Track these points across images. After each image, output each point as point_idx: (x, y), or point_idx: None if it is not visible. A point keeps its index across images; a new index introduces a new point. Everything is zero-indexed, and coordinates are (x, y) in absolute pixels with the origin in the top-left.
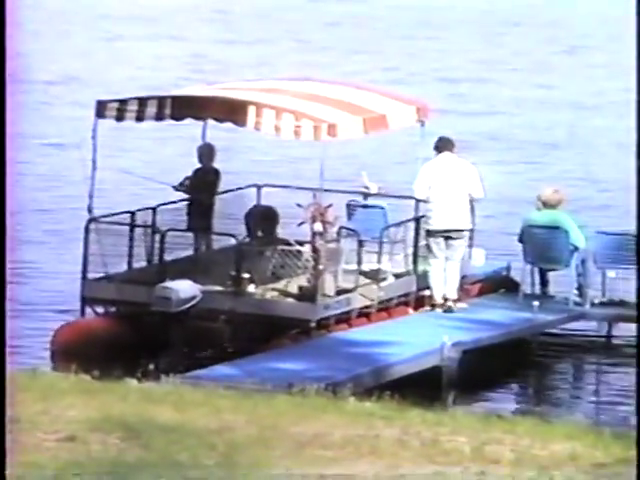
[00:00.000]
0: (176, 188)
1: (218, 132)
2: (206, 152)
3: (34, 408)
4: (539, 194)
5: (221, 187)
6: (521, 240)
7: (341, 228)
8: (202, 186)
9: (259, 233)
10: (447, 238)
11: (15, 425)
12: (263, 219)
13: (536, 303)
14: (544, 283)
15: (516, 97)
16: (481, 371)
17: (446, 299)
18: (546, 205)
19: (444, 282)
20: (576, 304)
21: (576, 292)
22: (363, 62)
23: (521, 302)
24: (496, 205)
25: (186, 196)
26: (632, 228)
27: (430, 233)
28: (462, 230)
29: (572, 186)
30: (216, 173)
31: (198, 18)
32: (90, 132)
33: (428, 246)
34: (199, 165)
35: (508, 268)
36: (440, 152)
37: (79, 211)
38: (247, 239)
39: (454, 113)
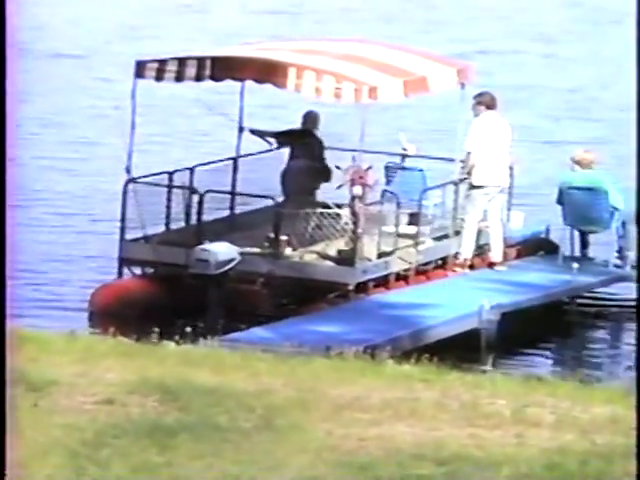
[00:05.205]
0: (258, 133)
1: None
2: (311, 119)
3: (72, 370)
4: (572, 155)
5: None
6: (559, 202)
7: (383, 191)
8: (300, 147)
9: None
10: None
11: (54, 387)
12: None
13: (575, 265)
14: (584, 245)
15: None
16: (520, 334)
17: (491, 263)
18: (580, 166)
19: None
20: (616, 266)
21: (616, 254)
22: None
23: (560, 264)
24: None
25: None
26: None
27: (474, 188)
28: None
29: None
30: (319, 141)
31: None
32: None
33: (469, 200)
34: (297, 127)
35: (547, 230)
36: (486, 109)
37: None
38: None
39: None
